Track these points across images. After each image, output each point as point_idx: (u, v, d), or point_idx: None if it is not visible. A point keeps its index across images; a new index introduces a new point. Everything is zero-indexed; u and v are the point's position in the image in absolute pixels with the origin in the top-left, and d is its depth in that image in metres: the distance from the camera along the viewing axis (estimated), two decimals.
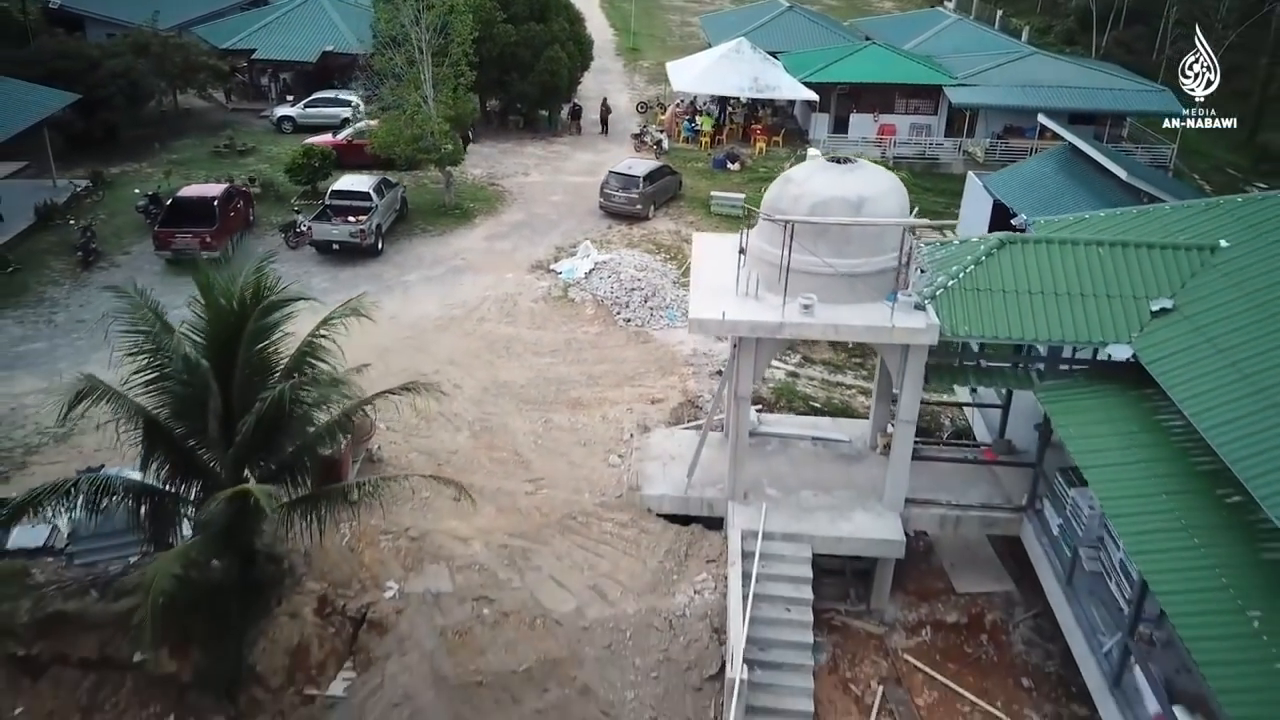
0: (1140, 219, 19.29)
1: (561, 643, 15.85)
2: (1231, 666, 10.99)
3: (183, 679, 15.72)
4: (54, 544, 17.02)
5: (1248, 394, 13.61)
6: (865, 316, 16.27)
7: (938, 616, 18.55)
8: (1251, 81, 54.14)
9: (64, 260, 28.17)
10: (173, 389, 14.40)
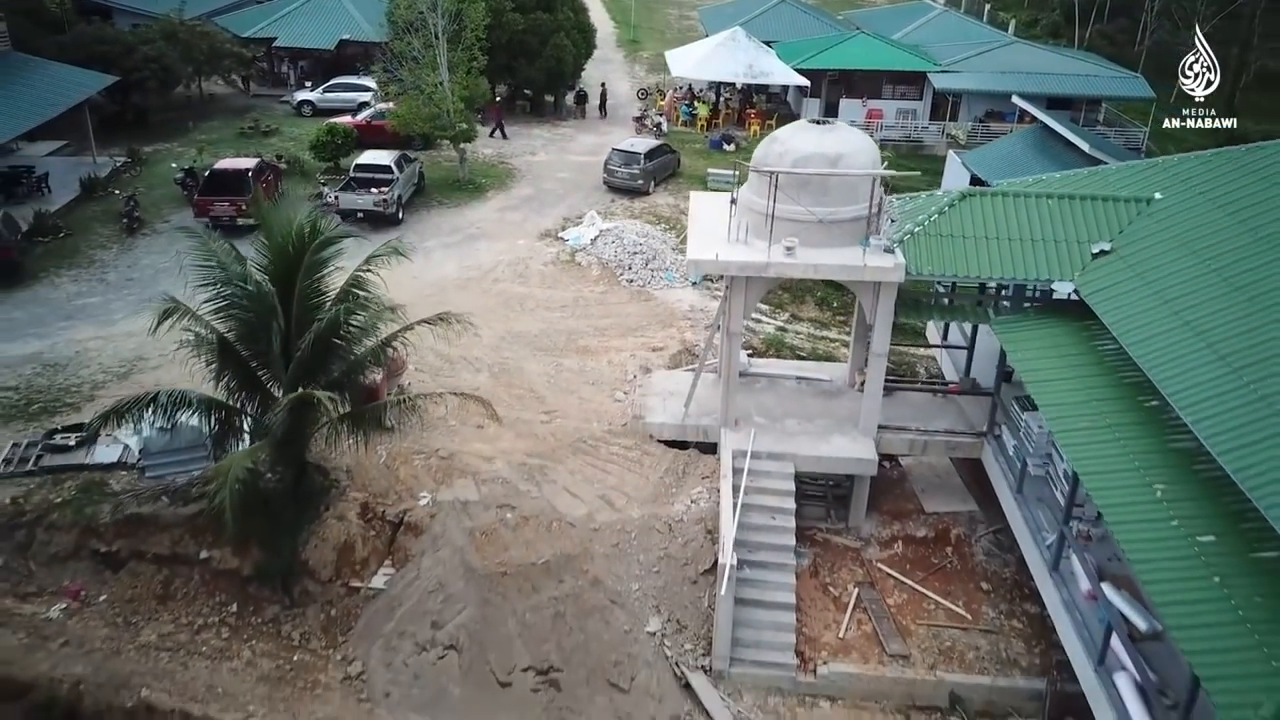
0: (1090, 178, 21.42)
1: (574, 542, 18.00)
2: (1137, 526, 13.10)
3: (243, 573, 17.89)
4: (126, 460, 19.14)
5: (1171, 320, 15.71)
6: (841, 258, 18.40)
7: (908, 533, 20.64)
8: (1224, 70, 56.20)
9: (110, 227, 30.26)
10: (239, 315, 16.56)
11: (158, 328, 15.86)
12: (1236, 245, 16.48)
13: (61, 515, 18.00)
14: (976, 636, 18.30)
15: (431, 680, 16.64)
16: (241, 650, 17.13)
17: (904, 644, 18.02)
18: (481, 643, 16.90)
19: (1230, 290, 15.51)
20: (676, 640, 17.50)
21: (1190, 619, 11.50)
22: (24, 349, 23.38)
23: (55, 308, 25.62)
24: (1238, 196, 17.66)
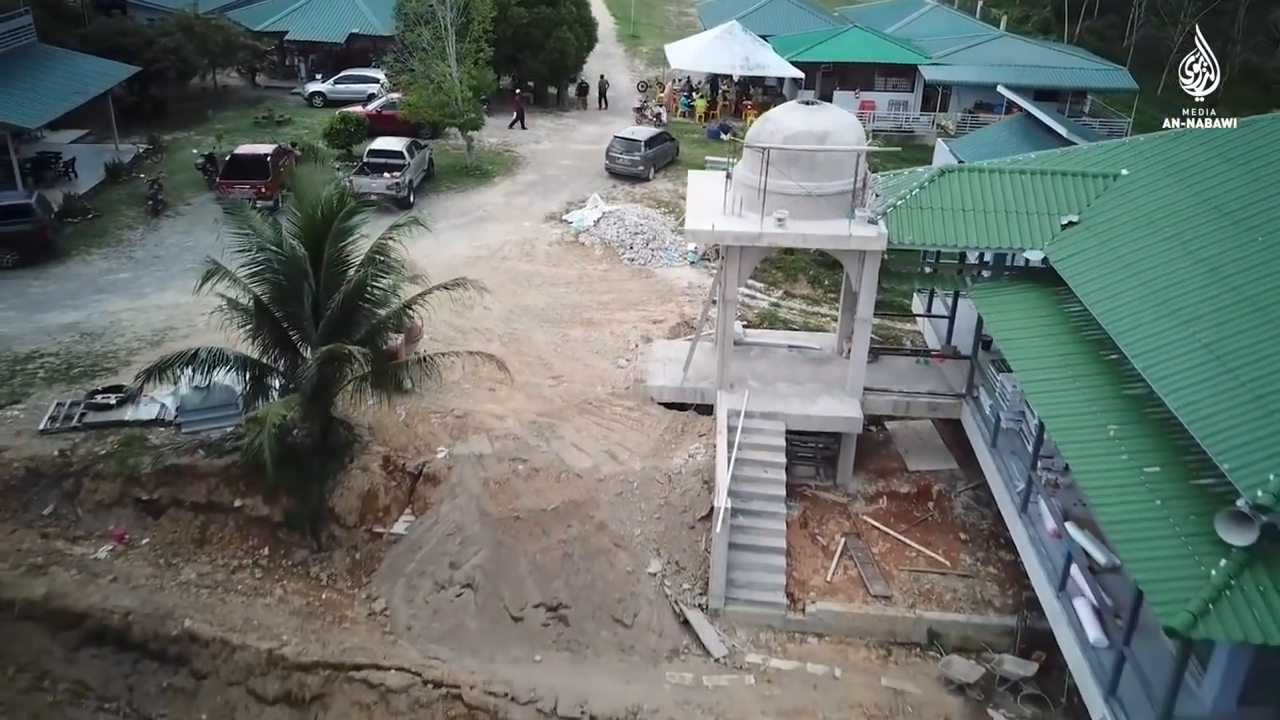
0: (1063, 157, 22.74)
1: (581, 490, 19.35)
2: (1092, 460, 14.46)
3: (274, 520, 19.24)
4: (163, 417, 20.46)
5: (1130, 281, 17.07)
6: (828, 229, 19.74)
7: (892, 489, 21.94)
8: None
9: (135, 209, 31.57)
10: (273, 278, 17.88)
11: (201, 287, 17.20)
12: (1192, 215, 17.84)
13: (106, 466, 19.35)
14: (954, 580, 19.63)
15: (450, 615, 17.99)
16: (274, 589, 18.48)
17: (886, 586, 19.36)
18: (496, 581, 18.25)
19: (1185, 255, 16.87)
20: (675, 580, 18.85)
21: (1133, 533, 12.85)
22: (62, 319, 24.71)
23: (88, 282, 26.95)
24: (1196, 171, 19.01)
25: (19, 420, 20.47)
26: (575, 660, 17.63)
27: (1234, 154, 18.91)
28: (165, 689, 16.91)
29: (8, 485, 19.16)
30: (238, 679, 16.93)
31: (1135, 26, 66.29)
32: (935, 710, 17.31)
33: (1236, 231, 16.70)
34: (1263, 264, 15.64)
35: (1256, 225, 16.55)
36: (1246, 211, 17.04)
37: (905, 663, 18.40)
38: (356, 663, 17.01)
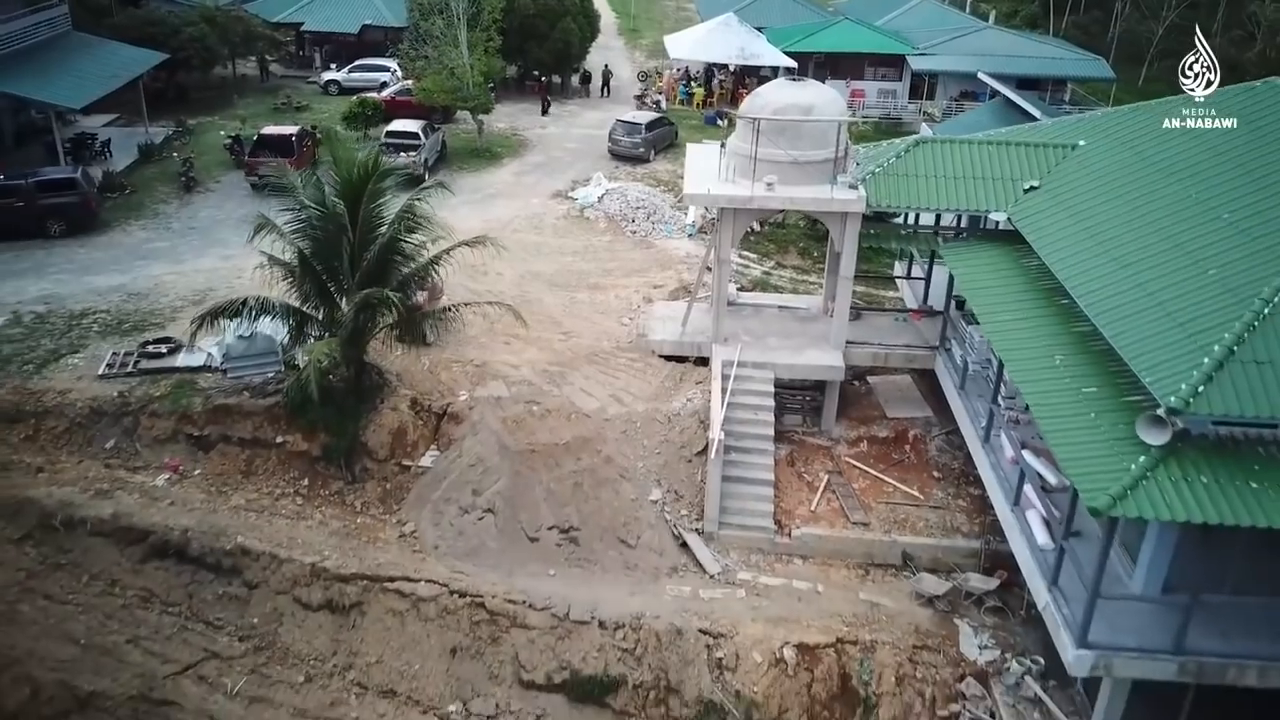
0: (1030, 131, 24.72)
1: (590, 428, 21.33)
2: (1040, 384, 16.44)
3: (312, 454, 21.21)
4: (209, 364, 22.40)
5: (1080, 234, 19.05)
6: (813, 193, 21.70)
7: (872, 434, 23.91)
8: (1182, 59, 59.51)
9: (168, 186, 33.50)
10: (315, 234, 19.81)
11: (254, 237, 19.16)
12: (1137, 175, 19.83)
13: (160, 406, 21.30)
14: (926, 511, 21.60)
15: (473, 536, 19.95)
16: (313, 514, 20.43)
17: (865, 515, 21.33)
18: (513, 506, 20.22)
19: (1129, 210, 18.85)
20: (674, 507, 20.84)
21: (1069, 439, 14.84)
22: (109, 281, 26.63)
23: (130, 250, 28.88)
24: (1144, 140, 20.99)
25: (79, 367, 22.44)
26: (585, 575, 19.61)
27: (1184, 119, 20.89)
28: (220, 596, 18.87)
29: (73, 422, 21.13)
30: (285, 588, 18.89)
31: (1118, 20, 68.12)
32: (907, 620, 19.28)
33: (1176, 188, 18.67)
34: (1196, 215, 17.60)
35: (1192, 182, 18.54)
36: (1186, 172, 19.02)
37: (881, 580, 20.38)
38: (390, 575, 18.98)
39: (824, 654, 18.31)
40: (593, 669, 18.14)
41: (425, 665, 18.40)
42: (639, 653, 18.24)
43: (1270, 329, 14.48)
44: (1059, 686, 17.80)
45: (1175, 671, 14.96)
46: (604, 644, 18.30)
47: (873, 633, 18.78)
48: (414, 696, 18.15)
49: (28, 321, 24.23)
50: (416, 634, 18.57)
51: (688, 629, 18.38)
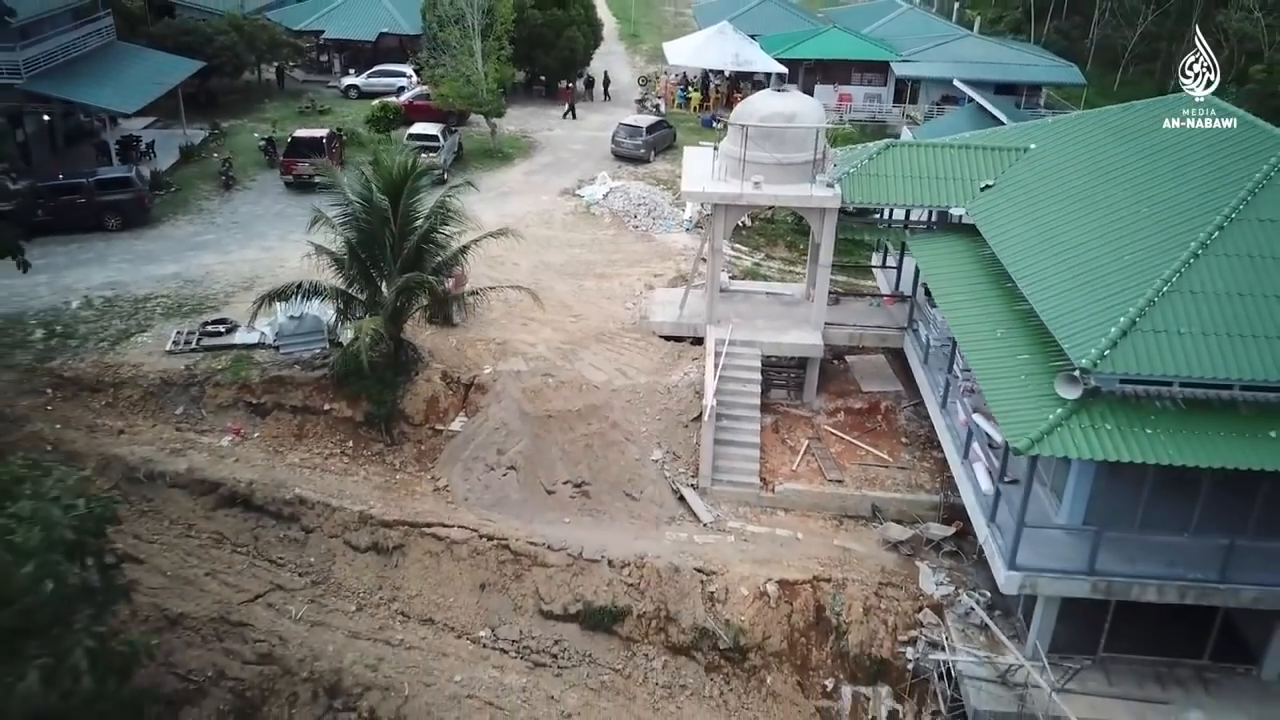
0: (988, 135, 27.55)
1: (599, 398, 24.16)
2: (982, 352, 19.28)
3: (355, 420, 24.02)
4: (263, 342, 25.20)
5: (1025, 226, 21.87)
6: (795, 191, 24.53)
7: (849, 406, 26.73)
8: (1156, 64, 62.52)
9: (209, 184, 36.29)
10: (360, 225, 22.62)
11: (311, 227, 22.00)
12: (1077, 175, 22.69)
13: (222, 377, 24.13)
14: (894, 471, 24.44)
15: (497, 489, 22.78)
16: (358, 470, 23.26)
17: (840, 474, 24.19)
18: (533, 464, 23.06)
19: (1067, 204, 21.70)
20: (673, 466, 23.68)
21: (1004, 396, 17.69)
22: (165, 270, 29.44)
23: (180, 242, 31.68)
24: (1089, 143, 23.85)
25: (148, 345, 25.26)
26: (595, 522, 22.46)
27: (1115, 129, 23.76)
28: (282, 539, 21.67)
29: (147, 391, 23.95)
30: (337, 533, 21.70)
31: (1096, 27, 70.85)
32: (874, 562, 22.12)
33: (1109, 186, 21.51)
34: (1122, 209, 20.43)
35: (1122, 181, 21.38)
36: (1119, 172, 21.85)
37: (853, 529, 23.23)
38: (427, 522, 21.80)
39: (802, 589, 21.12)
40: (603, 601, 20.96)
41: (458, 598, 21.24)
42: (642, 587, 21.05)
43: (1168, 304, 17.34)
44: (1003, 615, 20.67)
45: (1089, 589, 17.85)
46: (612, 580, 21.13)
47: (844, 572, 21.59)
48: (449, 624, 20.98)
49: (98, 305, 27.06)
50: (450, 571, 21.41)
51: (684, 567, 21.20)
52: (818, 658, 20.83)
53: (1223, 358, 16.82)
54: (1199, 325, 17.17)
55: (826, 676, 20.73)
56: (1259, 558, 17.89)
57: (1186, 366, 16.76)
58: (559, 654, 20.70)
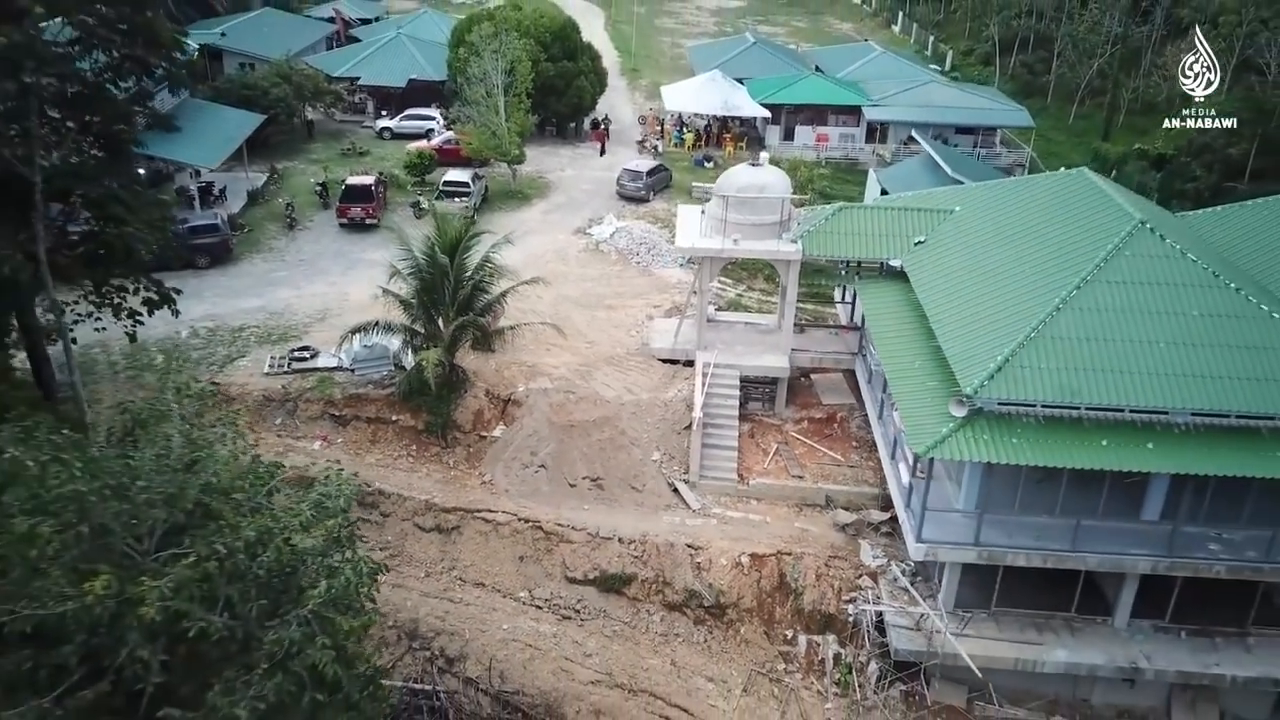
0: (925, 198, 33.41)
1: (610, 410, 30.06)
2: (902, 381, 25.19)
3: (418, 428, 29.87)
4: (341, 365, 31.05)
5: (941, 276, 27.77)
6: (765, 246, 30.42)
7: (811, 416, 32.63)
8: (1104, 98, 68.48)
9: (274, 224, 42.11)
10: (423, 276, 28.50)
11: (390, 279, 27.93)
12: (987, 235, 28.60)
13: (311, 394, 29.99)
14: (845, 469, 30.31)
15: (531, 483, 28.68)
16: (421, 469, 29.15)
17: (801, 471, 30.09)
18: (558, 463, 28.96)
19: (977, 258, 27.61)
20: (669, 465, 29.58)
21: (914, 415, 23.59)
22: (251, 304, 35.30)
23: (260, 278, 37.53)
24: (998, 209, 29.78)
25: (248, 367, 31.13)
26: (608, 509, 28.36)
27: (1019, 197, 29.73)
28: (365, 522, 27.51)
29: (250, 406, 29.77)
30: (407, 517, 27.58)
31: (1054, 63, 76.47)
32: (825, 540, 27.98)
33: (1011, 243, 27.42)
34: (1019, 262, 26.31)
35: (1022, 238, 27.26)
36: (1017, 233, 27.77)
37: (810, 515, 29.09)
38: (477, 508, 27.71)
39: (768, 560, 27.01)
40: (614, 569, 26.86)
41: (503, 567, 27.16)
42: (645, 559, 26.96)
43: (1035, 346, 23.21)
44: (923, 580, 26.59)
45: (975, 556, 23.81)
46: (621, 553, 27.03)
47: (802, 547, 27.47)
48: (496, 587, 26.90)
49: (203, 334, 32.93)
50: (496, 546, 27.32)
51: (677, 543, 27.11)
52: (780, 613, 26.72)
53: (1072, 387, 22.73)
54: (1056, 362, 23.06)
55: (787, 627, 26.64)
56: (1102, 533, 23.87)
57: (1046, 393, 22.67)
58: (581, 610, 26.62)
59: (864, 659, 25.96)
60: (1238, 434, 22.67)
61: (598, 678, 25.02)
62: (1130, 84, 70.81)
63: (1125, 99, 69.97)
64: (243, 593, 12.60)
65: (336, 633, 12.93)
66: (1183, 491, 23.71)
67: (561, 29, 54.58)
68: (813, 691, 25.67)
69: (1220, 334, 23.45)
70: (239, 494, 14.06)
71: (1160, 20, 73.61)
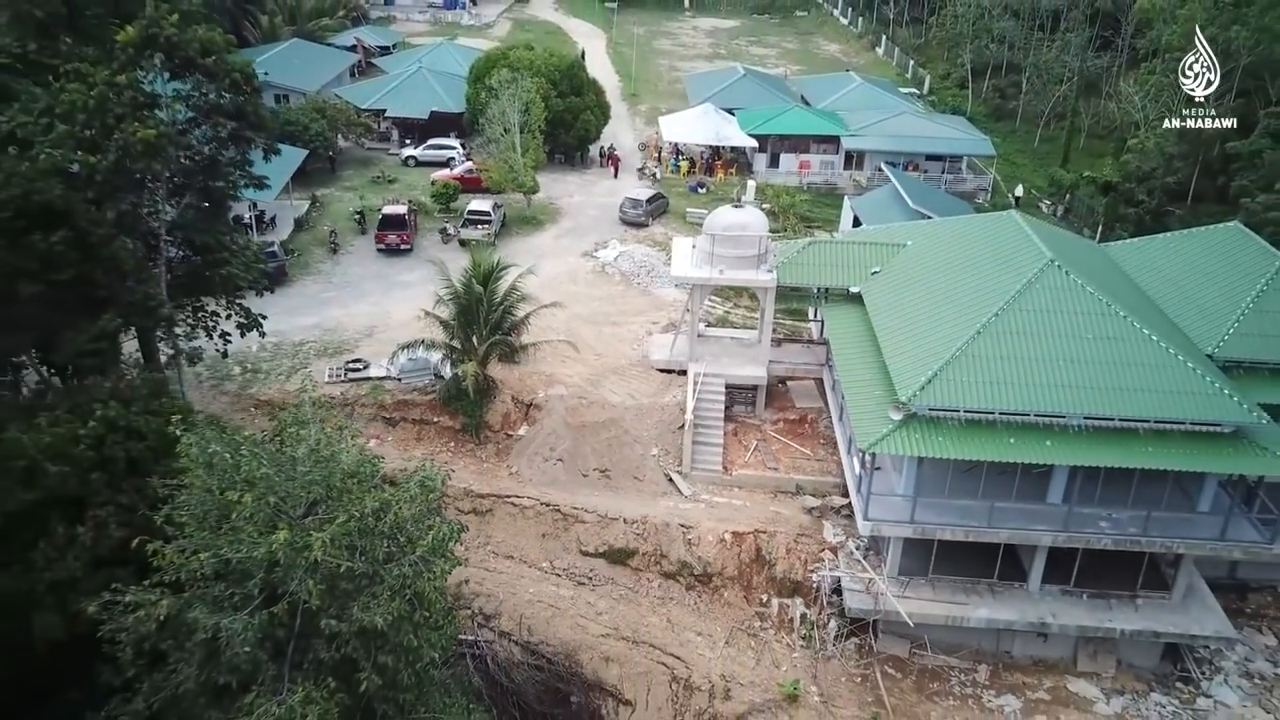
0: (882, 233, 38.92)
1: (616, 413, 35.57)
2: (855, 391, 30.70)
3: (455, 428, 35.37)
4: (389, 375, 36.52)
5: (892, 302, 33.26)
6: (747, 276, 35.92)
7: (787, 417, 38.15)
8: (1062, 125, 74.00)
9: (319, 249, 47.52)
10: (460, 302, 34.01)
11: (435, 305, 33.43)
12: (931, 267, 34.10)
13: (365, 399, 35.48)
14: (814, 462, 35.79)
15: (550, 473, 34.18)
16: (458, 462, 34.58)
17: (776, 463, 35.60)
18: (573, 457, 34.45)
19: (922, 286, 33.09)
20: (665, 459, 35.08)
21: (861, 418, 29.09)
22: (308, 321, 40.75)
23: (311, 299, 42.97)
24: (941, 243, 35.30)
25: (312, 376, 36.51)
26: (615, 495, 33.86)
27: (960, 235, 35.25)
28: None
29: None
30: (449, 502, 33.04)
31: (1022, 89, 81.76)
32: (795, 521, 33.45)
33: (952, 272, 32.92)
34: (956, 289, 31.77)
35: (961, 268, 32.75)
36: (956, 266, 33.27)
37: (782, 500, 34.56)
38: (506, 494, 33.20)
39: (747, 537, 32.49)
40: (620, 544, 32.36)
41: (528, 543, 32.65)
42: (645, 536, 32.44)
43: (959, 363, 28.66)
44: (874, 553, 32.10)
45: (912, 531, 29.31)
46: (626, 531, 32.53)
47: (775, 527, 32.96)
48: (523, 559, 32.39)
49: (270, 348, 38.37)
50: (523, 526, 32.82)
51: (672, 523, 32.61)
52: (756, 580, 32.23)
53: (988, 396, 28.23)
54: (976, 376, 28.55)
55: (762, 592, 32.14)
56: (1015, 513, 29.40)
57: (967, 401, 28.16)
58: (592, 577, 32.14)
59: (824, 617, 31.48)
60: (1120, 434, 28.19)
61: (607, 632, 30.52)
62: (1090, 111, 76.30)
63: (1086, 124, 75.51)
64: (371, 544, 18.03)
65: (434, 572, 18.40)
66: (1078, 480, 29.25)
67: (569, 67, 60.09)
68: (783, 644, 31.17)
69: (1108, 353, 28.95)
70: (357, 476, 19.46)
71: (1123, 49, 78.90)
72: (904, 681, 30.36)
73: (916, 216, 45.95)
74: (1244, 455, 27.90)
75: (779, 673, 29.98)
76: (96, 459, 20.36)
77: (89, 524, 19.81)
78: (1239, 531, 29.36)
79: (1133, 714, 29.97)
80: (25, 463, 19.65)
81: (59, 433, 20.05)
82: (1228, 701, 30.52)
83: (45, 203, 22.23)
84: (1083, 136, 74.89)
